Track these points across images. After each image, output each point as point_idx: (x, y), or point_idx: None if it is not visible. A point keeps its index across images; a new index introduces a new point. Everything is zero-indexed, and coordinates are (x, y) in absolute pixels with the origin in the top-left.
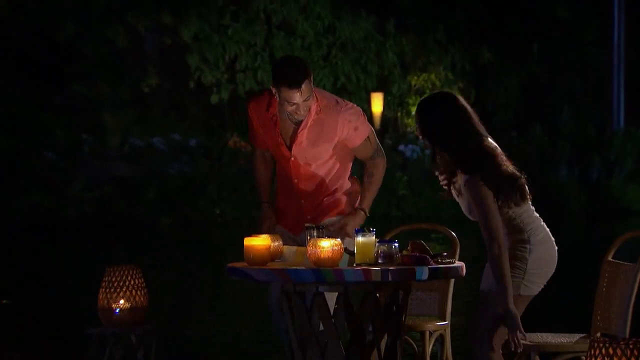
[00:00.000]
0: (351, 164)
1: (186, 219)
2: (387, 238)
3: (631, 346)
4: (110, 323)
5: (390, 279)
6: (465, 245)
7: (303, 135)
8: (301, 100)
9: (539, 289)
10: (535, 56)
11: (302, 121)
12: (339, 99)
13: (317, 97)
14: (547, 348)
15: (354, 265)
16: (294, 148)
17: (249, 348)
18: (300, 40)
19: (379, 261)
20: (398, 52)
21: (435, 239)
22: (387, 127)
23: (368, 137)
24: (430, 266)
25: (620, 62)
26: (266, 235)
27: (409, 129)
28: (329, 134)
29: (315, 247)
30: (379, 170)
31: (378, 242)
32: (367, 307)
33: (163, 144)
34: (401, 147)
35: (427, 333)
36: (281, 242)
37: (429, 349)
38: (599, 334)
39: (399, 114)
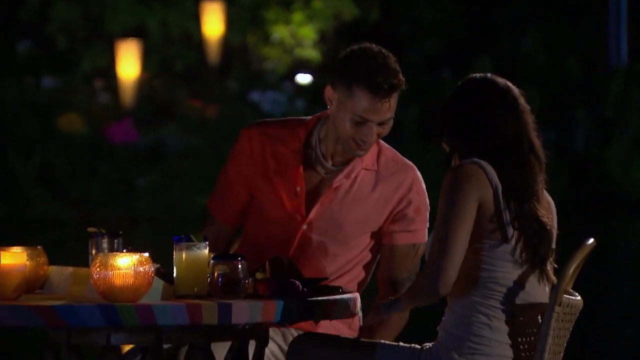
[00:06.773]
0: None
1: None
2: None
3: None
4: None
5: (234, 321)
6: None
7: (339, 189)
8: (385, 117)
9: None
10: None
11: (342, 171)
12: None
13: (380, 146)
14: None
15: (173, 297)
16: (317, 208)
17: None
18: None
19: (217, 291)
20: None
21: None
22: (231, 61)
23: (419, 244)
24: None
25: None
26: (19, 248)
27: (268, 64)
28: (381, 200)
29: (106, 267)
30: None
31: (213, 258)
32: None
33: None
34: (254, 96)
35: None
36: (45, 260)
37: None
38: None
39: (249, 37)
